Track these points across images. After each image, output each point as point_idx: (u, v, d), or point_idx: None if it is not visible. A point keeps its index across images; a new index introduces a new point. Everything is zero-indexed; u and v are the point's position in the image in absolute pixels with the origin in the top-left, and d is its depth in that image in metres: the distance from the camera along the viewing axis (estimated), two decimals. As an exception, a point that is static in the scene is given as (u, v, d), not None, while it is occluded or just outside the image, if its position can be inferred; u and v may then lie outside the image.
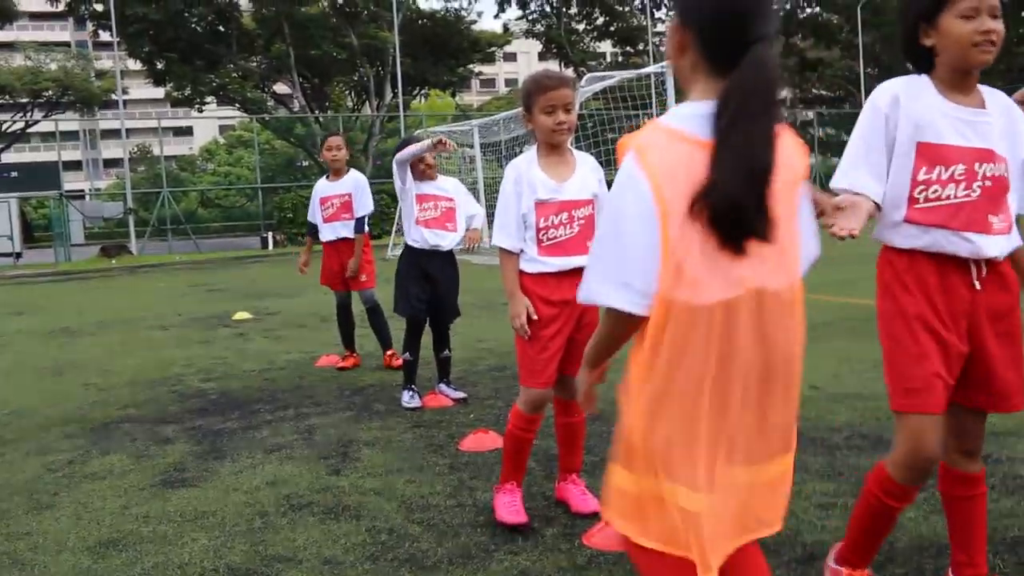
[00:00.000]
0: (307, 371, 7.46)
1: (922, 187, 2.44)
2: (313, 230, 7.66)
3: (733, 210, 1.67)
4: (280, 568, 3.41)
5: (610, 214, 1.81)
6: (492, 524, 3.71)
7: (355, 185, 7.38)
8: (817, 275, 8.28)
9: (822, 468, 4.14)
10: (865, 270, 10.45)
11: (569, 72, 56.43)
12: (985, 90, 2.52)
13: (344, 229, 7.37)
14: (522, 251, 3.66)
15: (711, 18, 1.77)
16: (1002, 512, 3.44)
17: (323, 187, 7.52)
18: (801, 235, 1.90)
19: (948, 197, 2.43)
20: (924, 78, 2.50)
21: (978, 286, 2.47)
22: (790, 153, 1.83)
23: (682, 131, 1.74)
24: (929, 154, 2.43)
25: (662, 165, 1.72)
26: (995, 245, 2.45)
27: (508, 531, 3.62)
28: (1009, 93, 2.65)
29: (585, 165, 3.70)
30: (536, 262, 3.63)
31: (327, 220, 7.42)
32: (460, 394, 6.08)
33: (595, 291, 1.81)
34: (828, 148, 61.19)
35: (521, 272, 3.68)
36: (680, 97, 1.96)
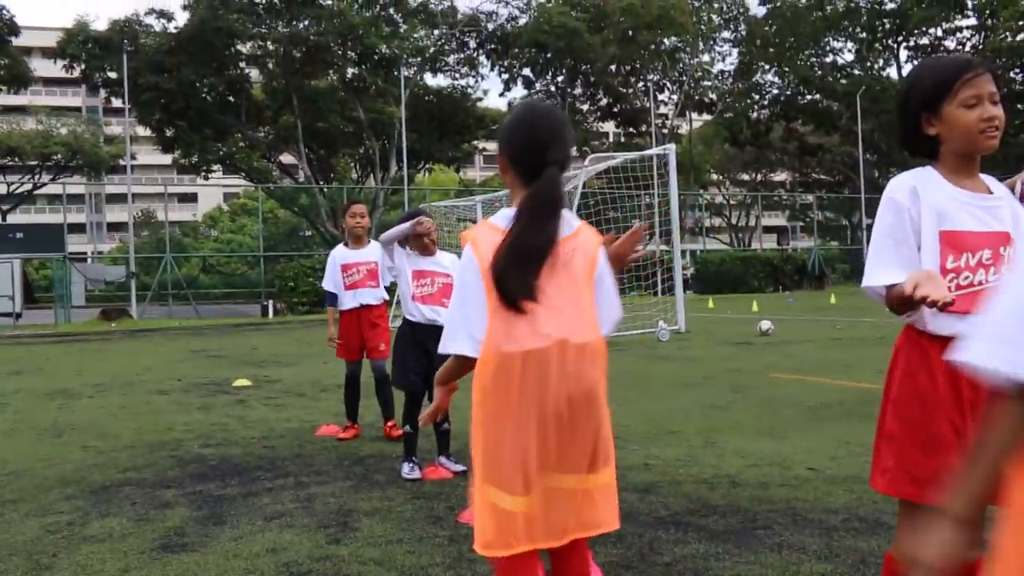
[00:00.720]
0: (307, 439, 7.48)
1: (952, 275, 2.46)
2: (332, 299, 7.67)
3: (502, 279, 2.42)
4: (279, 635, 3.41)
5: (457, 286, 2.58)
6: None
7: (381, 253, 7.44)
8: (817, 358, 8.44)
9: (819, 549, 4.16)
10: (864, 354, 10.55)
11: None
12: (985, 177, 2.60)
13: (369, 296, 7.45)
14: None
15: (517, 148, 2.59)
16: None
17: (344, 254, 7.58)
18: (601, 301, 2.61)
19: (981, 283, 2.44)
20: (930, 169, 2.56)
21: None
22: (587, 242, 2.60)
23: (497, 225, 2.53)
24: (954, 242, 2.46)
25: (485, 250, 2.49)
26: None
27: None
28: (1001, 180, 2.75)
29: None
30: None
31: (350, 287, 7.48)
32: (460, 467, 6.10)
33: (449, 343, 2.55)
34: (827, 231, 61.71)
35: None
36: (681, 179, 2.21)
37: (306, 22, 42.56)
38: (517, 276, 2.42)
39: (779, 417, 7.92)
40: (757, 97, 58.87)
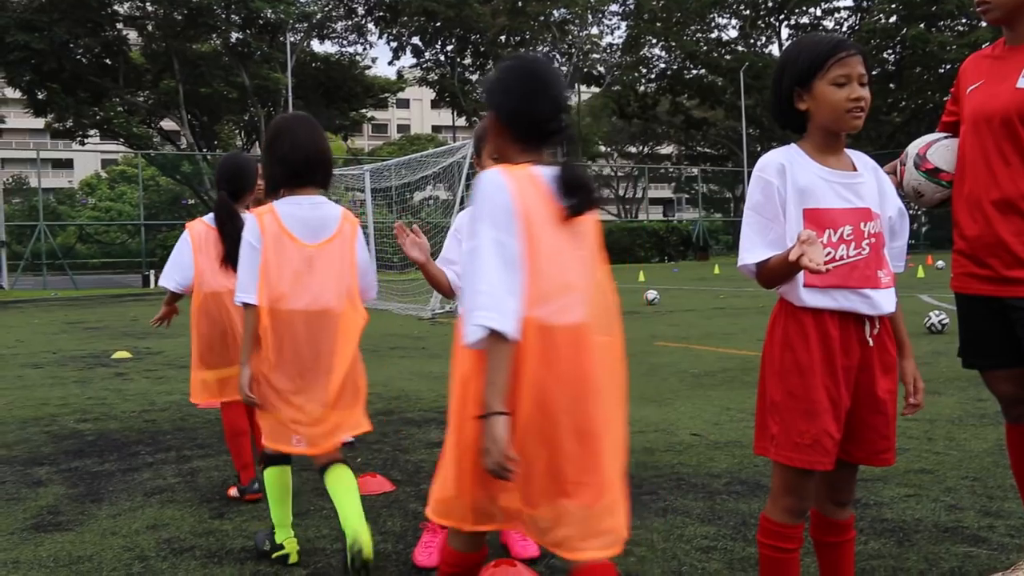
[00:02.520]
0: (190, 412, 7.28)
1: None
2: None
3: None
4: (160, 613, 3.32)
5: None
6: (379, 568, 3.70)
7: None
8: (701, 327, 8.64)
9: (703, 512, 4.27)
10: (745, 323, 10.84)
11: (461, 121, 56.94)
12: (852, 153, 2.67)
13: None
14: None
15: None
16: (869, 554, 3.61)
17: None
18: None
19: (842, 258, 2.53)
20: (795, 147, 2.63)
21: (871, 342, 2.58)
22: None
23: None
24: (817, 219, 2.54)
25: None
26: (888, 299, 2.59)
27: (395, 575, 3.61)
28: (878, 160, 2.83)
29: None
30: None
31: None
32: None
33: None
34: (711, 204, 63.13)
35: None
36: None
37: (187, -17, 41.16)
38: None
39: (664, 385, 8.08)
40: (644, 71, 59.61)
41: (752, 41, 56.93)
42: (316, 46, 48.42)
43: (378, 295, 15.94)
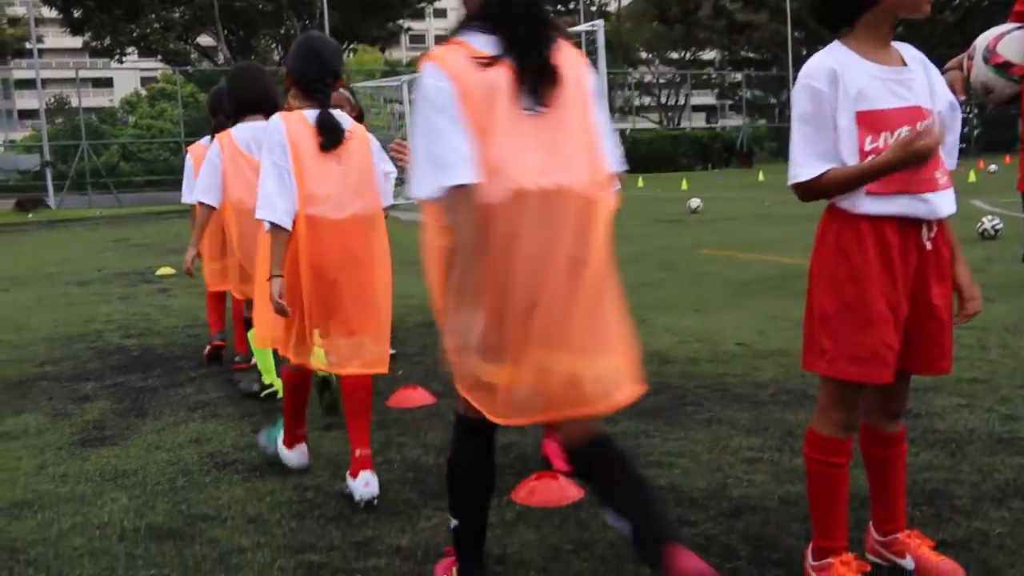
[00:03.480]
0: (232, 328, 7.29)
1: (871, 156, 2.35)
2: None
3: None
4: (203, 527, 3.33)
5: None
6: (420, 481, 3.68)
7: None
8: (745, 235, 8.44)
9: (748, 423, 4.19)
10: (792, 230, 10.62)
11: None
12: (899, 46, 2.48)
13: None
14: None
15: None
16: (921, 466, 3.52)
17: None
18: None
19: None
20: (841, 46, 2.42)
21: (929, 246, 2.43)
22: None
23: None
24: (873, 121, 2.36)
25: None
26: (946, 201, 2.43)
27: (435, 488, 3.59)
28: (935, 61, 2.64)
29: None
30: None
31: None
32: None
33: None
34: (756, 110, 61.86)
35: None
36: (609, 57, 2.01)
37: None
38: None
39: (708, 294, 7.96)
40: (686, -28, 57.93)
41: (799, -62, 54.98)
42: (351, -45, 47.51)
43: (410, 206, 15.81)
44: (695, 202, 17.86)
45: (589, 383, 2.31)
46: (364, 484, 3.46)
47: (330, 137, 3.49)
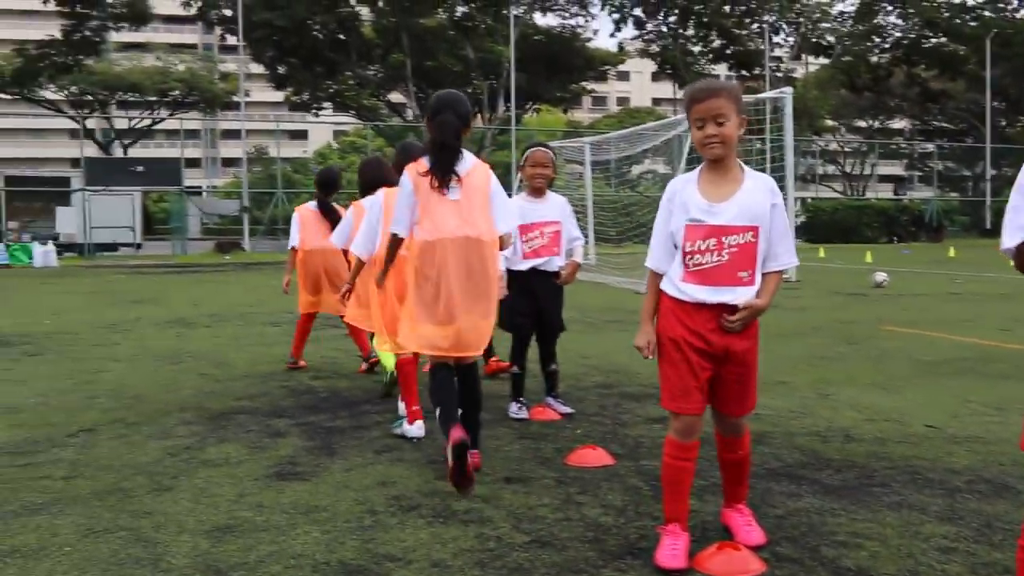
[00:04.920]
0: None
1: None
2: None
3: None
4: (391, 567, 3.45)
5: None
6: (599, 540, 3.70)
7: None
8: (934, 312, 8.14)
9: (941, 511, 4.01)
10: (986, 309, 10.13)
11: (682, 93, 55.91)
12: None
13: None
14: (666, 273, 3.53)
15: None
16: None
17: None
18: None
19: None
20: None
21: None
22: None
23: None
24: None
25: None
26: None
27: (615, 548, 3.60)
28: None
29: (756, 187, 3.41)
30: (677, 288, 3.44)
31: None
32: (567, 408, 6.08)
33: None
34: (947, 182, 59.39)
35: (664, 294, 3.52)
36: (794, 125, 2.07)
37: (417, -40, 42.42)
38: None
39: (894, 371, 7.67)
40: (878, 40, 56.56)
41: (1001, 5, 52.79)
42: (538, 19, 48.82)
43: (596, 268, 15.97)
44: (880, 276, 17.25)
45: (478, 336, 4.69)
46: (418, 428, 5.44)
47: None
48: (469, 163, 4.73)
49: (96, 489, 4.47)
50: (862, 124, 66.43)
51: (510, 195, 6.15)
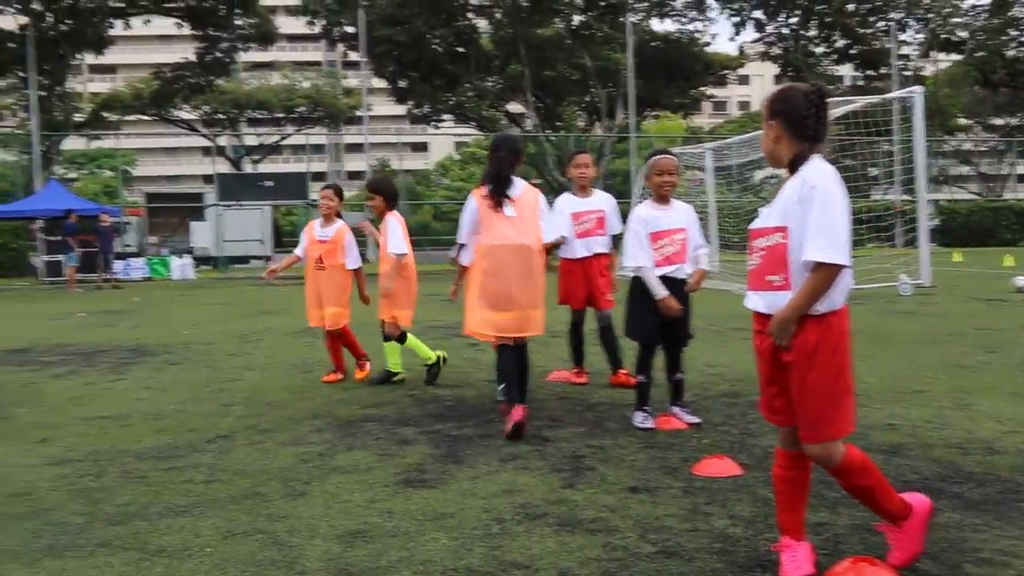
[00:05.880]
0: (538, 384, 7.56)
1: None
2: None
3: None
4: (518, 575, 3.47)
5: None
6: (728, 552, 3.64)
7: (609, 202, 7.53)
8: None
9: (1095, 527, 3.80)
10: None
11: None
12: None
13: (598, 245, 7.44)
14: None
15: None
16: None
17: (572, 202, 7.56)
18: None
19: None
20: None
21: None
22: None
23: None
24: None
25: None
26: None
27: (743, 559, 3.53)
28: None
29: (791, 184, 3.33)
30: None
31: (580, 235, 7.45)
32: (693, 418, 6.00)
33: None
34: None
35: None
36: (928, 123, 1.96)
37: (534, -30, 42.66)
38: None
39: (1040, 380, 7.30)
40: (1015, 33, 54.06)
41: None
42: (656, 25, 48.44)
43: (719, 275, 15.75)
44: (1021, 280, 16.47)
45: (531, 321, 6.00)
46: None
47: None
48: (520, 187, 6.11)
49: (234, 493, 4.63)
50: (998, 122, 63.58)
51: (631, 203, 6.37)
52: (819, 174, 3.20)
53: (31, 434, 6.21)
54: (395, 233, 7.87)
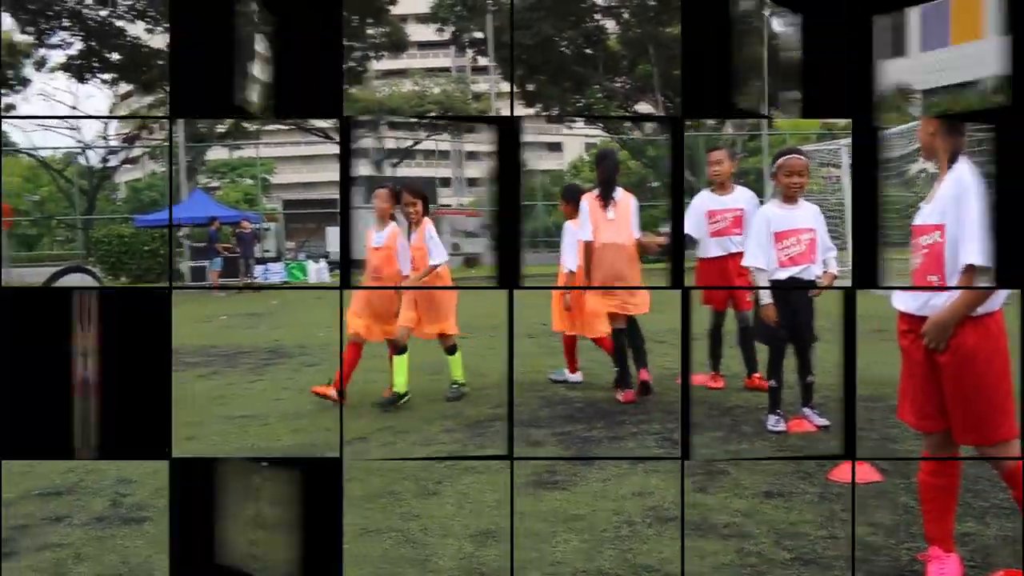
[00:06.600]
0: (669, 386, 7.48)
1: None
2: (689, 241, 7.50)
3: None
4: (649, 578, 3.45)
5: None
6: (867, 561, 3.53)
7: (749, 200, 7.25)
8: None
9: None
10: None
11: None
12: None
13: (735, 245, 7.14)
14: None
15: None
16: None
17: (709, 200, 7.36)
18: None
19: None
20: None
21: None
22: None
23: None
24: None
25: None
26: None
27: (884, 568, 3.42)
28: None
29: (950, 178, 3.21)
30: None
31: (715, 234, 7.28)
32: (824, 421, 5.85)
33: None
34: None
35: None
36: None
37: (660, -32, 42.28)
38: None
39: None
40: None
41: None
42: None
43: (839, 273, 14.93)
44: None
45: (630, 302, 7.00)
46: (579, 376, 8.01)
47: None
48: (619, 193, 7.10)
49: (368, 492, 4.75)
50: None
51: (763, 202, 6.24)
52: (961, 172, 3.10)
53: (179, 432, 6.49)
54: (438, 241, 7.43)
